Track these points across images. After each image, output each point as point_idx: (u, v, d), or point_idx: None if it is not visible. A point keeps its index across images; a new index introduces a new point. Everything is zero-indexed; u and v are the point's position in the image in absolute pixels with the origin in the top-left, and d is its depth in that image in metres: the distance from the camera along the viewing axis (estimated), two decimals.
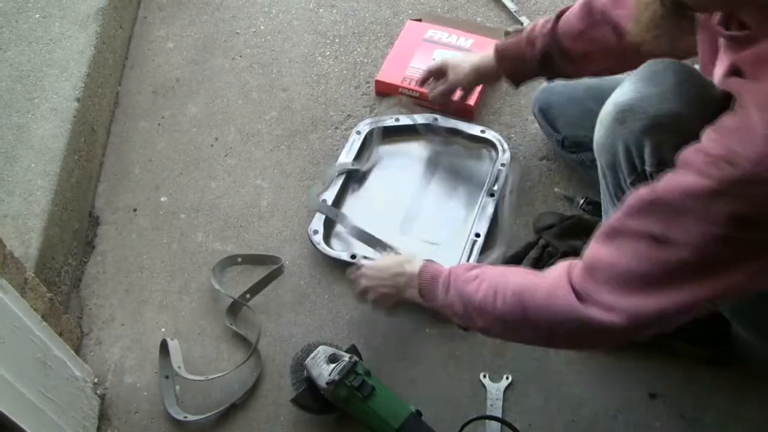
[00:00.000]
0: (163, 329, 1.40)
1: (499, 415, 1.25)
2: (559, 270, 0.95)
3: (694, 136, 0.82)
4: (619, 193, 1.10)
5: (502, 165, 1.57)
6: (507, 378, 1.29)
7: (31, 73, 1.63)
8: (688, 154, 0.81)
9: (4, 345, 1.03)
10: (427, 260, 1.19)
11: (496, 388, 1.29)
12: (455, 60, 1.52)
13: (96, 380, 1.31)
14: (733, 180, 0.75)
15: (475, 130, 1.64)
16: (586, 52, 1.31)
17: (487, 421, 1.24)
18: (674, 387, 1.28)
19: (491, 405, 1.27)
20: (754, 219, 0.76)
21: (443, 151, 1.64)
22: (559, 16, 1.34)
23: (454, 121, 1.65)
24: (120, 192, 1.62)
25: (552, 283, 0.93)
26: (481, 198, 1.53)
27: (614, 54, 1.24)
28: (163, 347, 1.34)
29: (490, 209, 1.50)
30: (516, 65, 1.42)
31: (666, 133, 0.97)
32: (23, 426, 1.01)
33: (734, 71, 0.83)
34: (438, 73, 1.55)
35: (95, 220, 1.57)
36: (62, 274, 1.41)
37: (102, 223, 1.57)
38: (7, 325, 1.06)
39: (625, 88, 1.04)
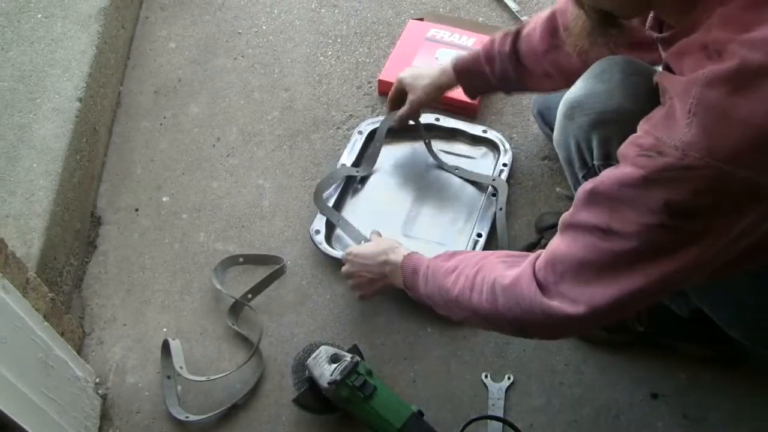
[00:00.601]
0: (164, 329, 1.40)
1: (500, 415, 1.25)
2: (526, 262, 0.97)
3: None
4: (578, 187, 1.12)
5: (504, 165, 1.57)
6: (509, 378, 1.29)
7: (33, 73, 1.63)
8: (624, 147, 0.84)
9: (6, 345, 1.03)
10: (410, 252, 1.21)
11: (497, 388, 1.29)
12: (410, 78, 1.51)
13: (98, 380, 1.31)
14: (662, 168, 0.77)
15: (477, 130, 1.64)
16: (546, 73, 1.32)
17: (488, 420, 1.24)
18: (676, 387, 1.28)
19: (493, 405, 1.27)
20: (688, 207, 0.78)
21: (445, 150, 1.64)
22: (517, 33, 1.33)
23: (456, 121, 1.65)
24: (122, 192, 1.63)
25: (518, 275, 0.95)
26: (482, 198, 1.52)
27: (576, 75, 1.15)
28: (165, 347, 1.34)
29: (492, 209, 1.49)
30: (475, 81, 1.44)
31: (612, 128, 1.00)
32: (25, 426, 1.01)
33: (666, 68, 0.85)
34: (398, 98, 1.54)
35: (97, 220, 1.58)
36: (64, 274, 1.41)
37: (104, 223, 1.57)
38: (9, 325, 1.06)
39: (576, 86, 1.07)
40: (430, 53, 1.79)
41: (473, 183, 1.56)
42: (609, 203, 0.84)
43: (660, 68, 0.92)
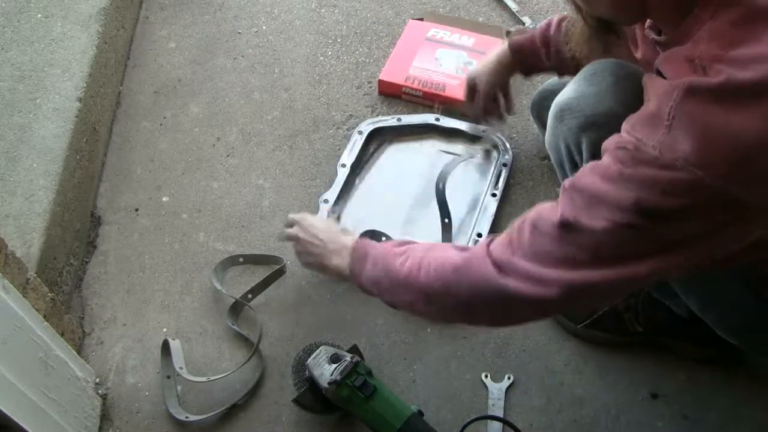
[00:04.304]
0: (164, 329, 1.40)
1: (500, 415, 1.25)
2: (480, 244, 0.96)
3: None
4: None
5: (504, 165, 1.57)
6: (509, 378, 1.29)
7: (33, 73, 1.63)
8: (607, 142, 0.84)
9: (6, 345, 1.03)
10: (362, 235, 1.20)
11: (497, 388, 1.29)
12: (477, 69, 1.50)
13: (98, 380, 1.31)
14: (638, 163, 0.78)
15: (477, 130, 1.64)
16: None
17: (488, 421, 1.24)
18: (676, 387, 1.28)
19: (493, 405, 1.27)
20: (657, 208, 0.78)
21: (445, 151, 1.64)
22: (560, 22, 1.33)
23: (456, 121, 1.65)
24: (122, 192, 1.62)
25: (471, 255, 0.95)
26: (483, 198, 1.52)
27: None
28: (165, 347, 1.34)
29: (492, 209, 1.49)
30: (529, 60, 1.42)
31: (601, 132, 0.98)
32: (25, 426, 1.01)
33: (658, 73, 0.85)
34: (472, 91, 1.54)
35: (97, 220, 1.58)
36: (64, 274, 1.41)
37: (104, 223, 1.57)
38: (9, 325, 1.06)
39: (567, 89, 1.08)
40: (430, 53, 1.79)
41: (474, 181, 1.56)
42: (582, 196, 0.84)
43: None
